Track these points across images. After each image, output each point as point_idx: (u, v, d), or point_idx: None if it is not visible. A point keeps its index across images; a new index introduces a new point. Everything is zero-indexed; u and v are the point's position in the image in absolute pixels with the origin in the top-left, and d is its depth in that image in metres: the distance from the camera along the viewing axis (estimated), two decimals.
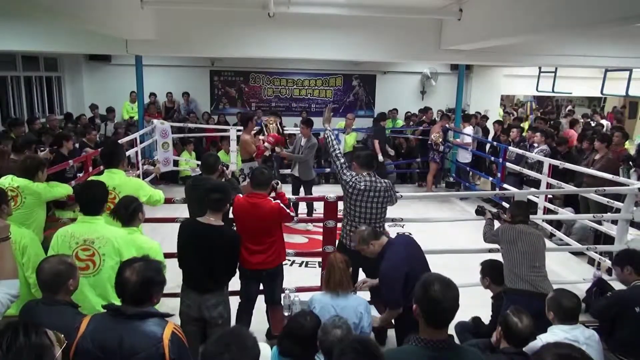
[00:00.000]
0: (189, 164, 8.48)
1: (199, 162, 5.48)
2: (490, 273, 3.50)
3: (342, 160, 3.68)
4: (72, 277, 2.21)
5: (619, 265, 3.21)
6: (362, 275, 3.66)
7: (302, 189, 6.46)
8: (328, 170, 8.86)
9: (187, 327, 3.00)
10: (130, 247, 2.65)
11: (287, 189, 4.23)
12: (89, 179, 3.08)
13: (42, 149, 5.53)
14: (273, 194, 3.48)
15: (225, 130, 8.90)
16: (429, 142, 8.33)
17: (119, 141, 6.57)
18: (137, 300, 1.92)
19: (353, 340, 1.87)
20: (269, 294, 3.57)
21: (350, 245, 3.57)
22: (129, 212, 2.87)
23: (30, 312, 2.17)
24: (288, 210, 3.40)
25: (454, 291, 1.79)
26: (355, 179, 3.54)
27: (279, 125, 6.68)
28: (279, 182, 3.62)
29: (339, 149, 3.78)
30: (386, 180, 3.62)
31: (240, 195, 3.46)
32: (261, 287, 3.60)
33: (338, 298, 2.91)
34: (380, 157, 7.90)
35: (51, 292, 2.20)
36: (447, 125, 8.72)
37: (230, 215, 3.53)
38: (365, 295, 3.47)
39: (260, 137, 6.29)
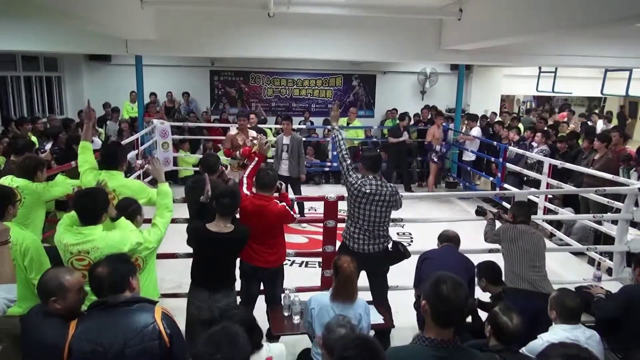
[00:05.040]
0: (187, 159, 8.48)
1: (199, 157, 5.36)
2: (486, 274, 3.49)
3: (349, 161, 3.59)
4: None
5: (635, 264, 3.23)
6: (363, 277, 3.65)
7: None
8: (328, 168, 8.87)
9: (194, 328, 2.99)
10: (125, 246, 2.62)
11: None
12: (88, 186, 3.03)
13: (43, 150, 5.55)
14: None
15: (225, 130, 8.90)
16: (427, 142, 8.35)
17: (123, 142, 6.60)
18: (117, 288, 1.99)
19: (355, 337, 1.87)
20: (269, 294, 3.57)
21: (353, 247, 3.56)
22: (126, 214, 2.85)
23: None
24: (292, 212, 3.40)
25: (464, 291, 1.78)
26: (361, 181, 3.46)
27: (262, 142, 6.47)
28: (283, 183, 3.62)
29: (346, 150, 3.70)
30: (392, 185, 3.54)
31: (247, 194, 3.46)
32: (261, 287, 3.60)
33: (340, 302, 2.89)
34: None
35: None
36: (444, 124, 8.74)
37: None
38: (365, 295, 3.47)
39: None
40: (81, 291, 2.17)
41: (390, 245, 3.61)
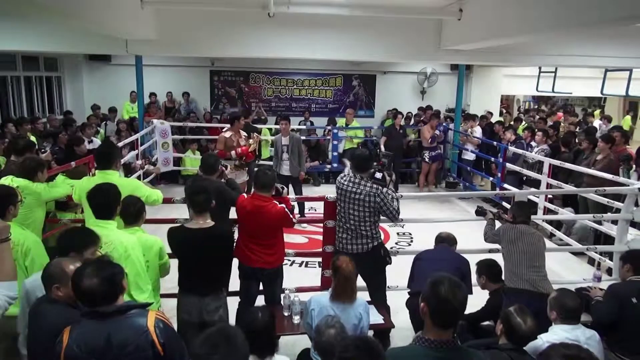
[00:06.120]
0: (193, 161, 8.47)
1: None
2: (486, 271, 3.53)
3: None
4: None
5: (622, 262, 3.28)
6: (359, 279, 3.65)
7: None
8: (328, 169, 8.88)
9: (187, 333, 2.98)
10: (137, 246, 2.66)
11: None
12: (101, 182, 3.06)
13: (44, 151, 5.55)
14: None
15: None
16: (429, 139, 8.37)
17: (121, 142, 6.60)
18: (110, 297, 1.91)
19: (355, 339, 1.87)
20: (269, 295, 3.57)
21: (339, 247, 3.60)
22: (135, 211, 2.88)
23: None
24: (291, 216, 3.39)
25: (463, 292, 1.78)
26: (342, 179, 3.56)
27: (258, 143, 6.43)
28: (285, 187, 3.62)
29: None
30: (374, 187, 3.45)
31: (245, 196, 3.46)
32: (261, 287, 3.59)
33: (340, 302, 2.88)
34: None
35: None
36: (444, 125, 8.71)
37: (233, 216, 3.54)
38: (365, 295, 3.47)
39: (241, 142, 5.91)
40: None
41: (375, 246, 3.59)
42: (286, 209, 3.35)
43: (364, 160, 3.53)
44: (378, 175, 3.55)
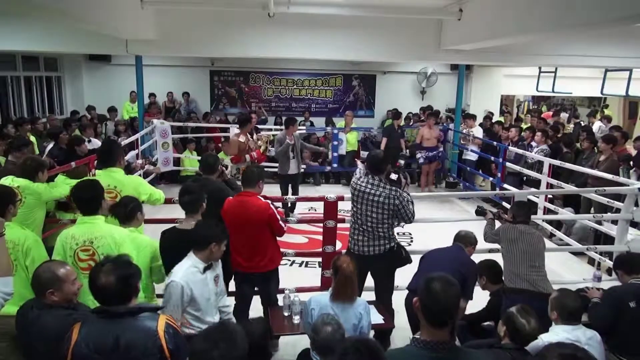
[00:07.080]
0: (191, 162, 8.47)
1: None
2: (486, 272, 3.52)
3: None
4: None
5: (614, 269, 3.33)
6: (369, 280, 3.66)
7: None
8: (328, 169, 8.88)
9: None
10: (128, 242, 2.65)
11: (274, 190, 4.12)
12: (84, 178, 3.06)
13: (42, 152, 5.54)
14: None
15: (226, 130, 8.91)
16: (417, 142, 8.39)
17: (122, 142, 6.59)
18: (123, 298, 1.91)
19: (355, 341, 1.85)
20: (264, 296, 3.56)
21: (354, 249, 3.56)
22: (127, 211, 2.87)
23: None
24: (281, 223, 3.35)
25: (455, 289, 1.77)
26: (357, 180, 3.54)
27: (268, 144, 6.55)
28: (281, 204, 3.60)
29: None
30: (393, 189, 3.42)
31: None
32: (257, 288, 3.58)
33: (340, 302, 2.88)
34: None
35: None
36: (444, 125, 8.69)
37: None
38: (369, 295, 3.47)
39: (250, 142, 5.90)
40: (75, 281, 2.19)
41: (393, 247, 3.56)
42: (274, 210, 3.32)
43: (379, 161, 3.51)
44: (393, 176, 3.51)
